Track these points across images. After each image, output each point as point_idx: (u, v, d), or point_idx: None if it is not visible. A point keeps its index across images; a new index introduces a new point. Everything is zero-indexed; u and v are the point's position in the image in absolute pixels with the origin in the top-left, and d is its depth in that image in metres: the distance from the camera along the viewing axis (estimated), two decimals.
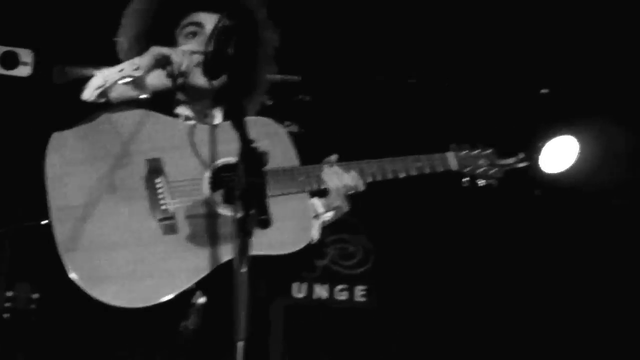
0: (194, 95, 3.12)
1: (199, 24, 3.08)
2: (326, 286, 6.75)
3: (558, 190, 6.45)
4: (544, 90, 6.33)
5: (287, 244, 2.89)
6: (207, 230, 2.82)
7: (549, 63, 6.00)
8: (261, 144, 2.46)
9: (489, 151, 3.47)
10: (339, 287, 6.78)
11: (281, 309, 6.50)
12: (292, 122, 6.26)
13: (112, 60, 3.06)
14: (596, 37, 5.64)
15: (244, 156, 2.41)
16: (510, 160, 3.50)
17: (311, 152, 3.15)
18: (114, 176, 2.83)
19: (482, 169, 3.42)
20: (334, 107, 6.42)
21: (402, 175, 3.22)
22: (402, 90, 6.39)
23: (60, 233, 2.72)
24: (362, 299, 6.80)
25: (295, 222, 2.95)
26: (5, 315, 4.64)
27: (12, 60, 5.77)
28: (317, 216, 3.10)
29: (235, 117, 2.62)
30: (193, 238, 2.80)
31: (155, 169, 2.86)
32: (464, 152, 3.40)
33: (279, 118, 3.16)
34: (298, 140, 3.10)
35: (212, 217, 2.84)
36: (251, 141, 2.45)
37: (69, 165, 2.81)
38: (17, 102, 5.59)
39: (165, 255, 2.76)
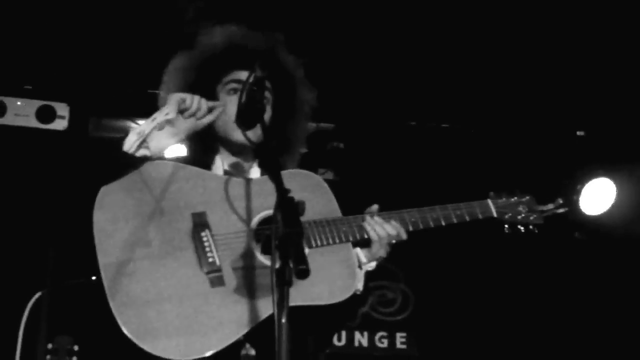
0: (232, 149, 3.16)
1: (240, 81, 3.08)
2: (366, 334, 6.68)
3: (598, 233, 6.37)
4: (580, 133, 6.29)
5: (333, 293, 2.86)
6: (253, 282, 2.81)
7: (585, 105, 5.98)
8: (301, 195, 2.44)
9: (527, 198, 3.43)
10: (379, 334, 6.71)
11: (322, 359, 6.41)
12: (327, 170, 6.26)
13: (147, 111, 3.08)
14: (636, 79, 5.61)
15: (280, 206, 2.39)
16: (550, 206, 3.46)
17: (349, 200, 3.13)
18: (159, 230, 2.83)
19: (521, 216, 3.39)
20: (367, 153, 6.41)
21: (443, 223, 3.19)
22: (435, 135, 6.38)
23: (111, 289, 2.71)
24: (403, 347, 6.71)
25: (340, 271, 2.93)
26: None
27: (48, 114, 5.83)
28: (360, 266, 3.06)
29: (271, 169, 2.62)
30: (240, 290, 2.79)
31: (200, 223, 2.87)
32: (502, 200, 3.37)
33: (313, 166, 3.16)
34: (335, 189, 3.09)
35: (256, 268, 2.84)
36: (287, 191, 2.44)
37: (116, 221, 2.81)
38: (54, 155, 5.66)
39: (214, 307, 2.75)
